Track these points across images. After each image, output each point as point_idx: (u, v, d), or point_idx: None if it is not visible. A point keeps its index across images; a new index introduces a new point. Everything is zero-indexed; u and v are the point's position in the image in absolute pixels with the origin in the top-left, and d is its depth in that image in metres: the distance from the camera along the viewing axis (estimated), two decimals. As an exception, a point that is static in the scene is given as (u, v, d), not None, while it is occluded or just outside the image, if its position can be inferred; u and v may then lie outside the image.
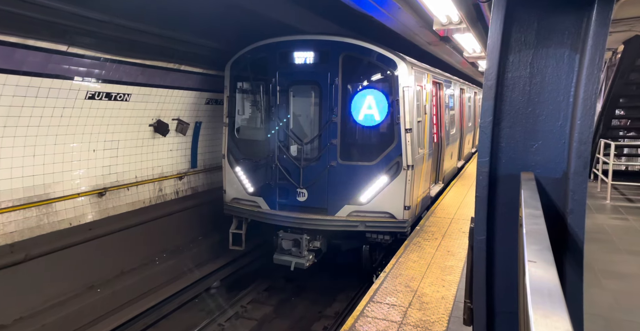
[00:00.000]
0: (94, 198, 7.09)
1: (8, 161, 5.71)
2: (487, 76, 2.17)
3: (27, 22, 5.05)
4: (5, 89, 5.31)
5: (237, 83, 7.83)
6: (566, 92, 2.02)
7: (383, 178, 6.89)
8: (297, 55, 7.15)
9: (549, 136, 2.07)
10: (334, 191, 7.08)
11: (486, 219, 2.16)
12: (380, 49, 6.84)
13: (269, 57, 7.36)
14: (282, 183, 7.35)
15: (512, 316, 2.00)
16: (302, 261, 7.22)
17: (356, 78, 7.07)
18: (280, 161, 7.35)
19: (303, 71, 7.18)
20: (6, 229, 5.76)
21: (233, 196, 7.91)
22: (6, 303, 5.71)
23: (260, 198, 7.58)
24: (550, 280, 0.82)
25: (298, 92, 7.43)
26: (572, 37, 1.97)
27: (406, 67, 6.77)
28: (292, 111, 7.44)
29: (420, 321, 4.24)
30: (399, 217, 6.93)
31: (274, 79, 7.30)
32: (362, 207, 7.01)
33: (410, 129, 6.78)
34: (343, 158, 7.07)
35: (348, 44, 6.93)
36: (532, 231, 1.19)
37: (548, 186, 2.04)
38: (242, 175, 7.76)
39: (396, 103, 6.74)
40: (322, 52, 7.04)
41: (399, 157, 6.81)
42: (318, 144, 7.21)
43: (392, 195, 6.89)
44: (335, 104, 6.99)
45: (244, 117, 8.05)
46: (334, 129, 7.04)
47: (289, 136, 7.38)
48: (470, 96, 15.79)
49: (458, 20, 5.16)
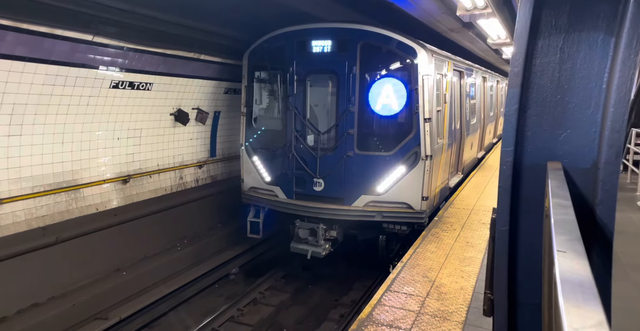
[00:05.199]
0: (119, 185, 7.31)
1: (39, 147, 5.94)
2: (513, 63, 2.09)
3: (55, 12, 5.17)
4: (36, 77, 5.49)
5: (255, 73, 7.82)
6: (599, 78, 1.93)
7: (401, 168, 6.81)
8: (314, 44, 7.06)
9: (579, 125, 1.99)
10: (351, 181, 7.02)
11: (509, 210, 2.11)
12: (400, 37, 6.68)
13: (287, 46, 7.30)
14: (299, 172, 7.34)
15: (534, 308, 1.97)
16: (319, 250, 7.25)
17: (374, 67, 6.94)
18: (297, 151, 7.33)
19: (320, 59, 7.09)
20: (38, 213, 6.03)
21: (251, 185, 7.96)
22: (39, 283, 6.02)
23: (277, 187, 7.60)
24: (582, 270, 0.80)
25: (315, 81, 7.39)
26: (607, 20, 1.87)
27: (426, 55, 6.59)
28: (309, 101, 7.40)
29: (439, 311, 4.23)
30: (417, 208, 6.86)
31: (291, 68, 7.25)
32: (379, 197, 6.94)
33: (430, 118, 6.63)
34: (360, 148, 6.99)
35: (366, 32, 6.79)
36: (560, 221, 1.16)
37: (576, 176, 1.97)
38: (260, 164, 7.79)
39: (415, 92, 6.58)
40: (340, 41, 6.93)
41: (417, 147, 6.69)
42: (335, 134, 7.13)
43: (409, 185, 6.80)
44: (353, 94, 6.89)
45: (262, 106, 8.03)
46: (351, 119, 6.95)
47: (306, 125, 7.34)
48: (492, 85, 15.38)
49: (483, 4, 4.99)
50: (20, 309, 5.77)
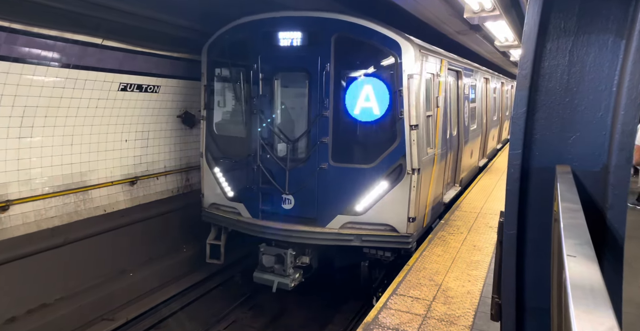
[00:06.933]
0: (126, 186, 7.38)
1: (49, 149, 6.02)
2: (521, 65, 2.08)
3: (64, 16, 5.24)
4: (47, 80, 5.58)
5: (215, 70, 6.75)
6: (609, 81, 1.91)
7: (383, 183, 5.84)
8: (282, 36, 5.99)
9: (588, 128, 1.97)
10: (325, 198, 6.06)
11: (517, 213, 2.09)
12: (381, 28, 5.68)
13: (250, 39, 6.24)
14: (266, 187, 6.33)
15: (542, 313, 1.95)
16: (286, 280, 6.22)
17: (352, 64, 5.95)
18: (263, 162, 6.31)
19: (289, 55, 6.03)
20: (48, 214, 6.11)
21: (212, 200, 6.91)
22: (48, 284, 6.09)
23: (241, 204, 6.57)
24: (593, 275, 0.79)
25: (284, 80, 6.40)
26: (617, 22, 1.86)
27: (413, 51, 5.62)
28: (278, 103, 6.40)
29: (445, 315, 4.20)
30: (402, 230, 5.86)
31: (255, 64, 6.20)
32: (357, 218, 5.98)
33: (417, 125, 5.69)
34: (335, 159, 6.01)
35: (341, 22, 5.76)
36: (570, 225, 1.15)
37: (585, 180, 1.95)
38: (222, 177, 6.74)
39: (399, 94, 5.61)
40: (311, 33, 5.89)
41: (402, 158, 5.74)
42: (307, 142, 6.17)
43: (393, 204, 5.84)
44: (327, 95, 5.88)
45: (225, 109, 6.98)
46: (325, 125, 5.95)
47: (274, 132, 6.35)
48: (496, 87, 14.22)
49: (491, 6, 4.97)
50: (30, 309, 5.83)
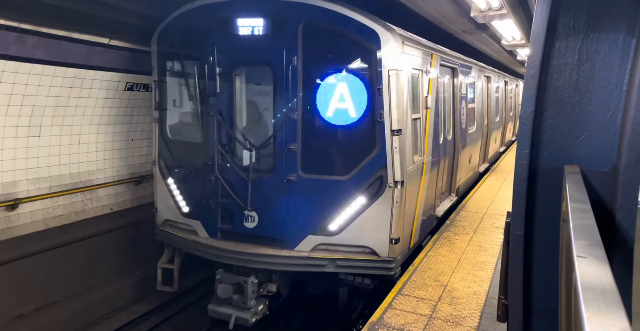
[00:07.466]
0: (132, 185, 7.43)
1: (56, 148, 6.09)
2: (529, 64, 2.06)
3: (73, 16, 5.29)
4: (55, 80, 5.63)
5: (167, 63, 5.85)
6: (619, 80, 1.89)
7: (360, 198, 5.02)
8: (241, 23, 5.14)
9: (598, 127, 1.95)
10: (294, 216, 5.24)
11: (524, 214, 2.08)
12: (356, 15, 4.82)
13: (204, 26, 5.37)
14: (225, 202, 5.48)
15: (550, 314, 1.93)
16: (246, 315, 5.18)
17: (323, 57, 5.08)
18: (222, 172, 5.46)
19: (250, 45, 5.18)
20: (55, 213, 6.17)
21: (165, 216, 6.05)
22: (58, 282, 6.16)
23: (198, 221, 5.71)
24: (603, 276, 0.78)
25: (246, 76, 5.60)
26: (627, 20, 1.84)
27: (394, 42, 4.76)
28: (238, 103, 5.54)
29: (451, 315, 4.18)
30: (383, 254, 5.01)
31: (211, 57, 5.34)
32: (331, 238, 5.15)
33: (399, 130, 4.85)
34: (305, 170, 5.19)
35: (310, 6, 4.92)
36: (580, 225, 1.13)
37: (594, 180, 1.93)
38: (176, 189, 5.89)
39: (379, 93, 4.80)
40: (275, 19, 5.03)
41: (382, 169, 4.90)
42: (272, 149, 5.32)
43: (373, 223, 5.01)
44: (294, 95, 5.07)
45: (182, 110, 6.08)
46: (293, 130, 5.14)
47: (234, 137, 5.49)
48: (499, 86, 13.17)
49: (498, 5, 4.93)
50: (37, 306, 5.90)
